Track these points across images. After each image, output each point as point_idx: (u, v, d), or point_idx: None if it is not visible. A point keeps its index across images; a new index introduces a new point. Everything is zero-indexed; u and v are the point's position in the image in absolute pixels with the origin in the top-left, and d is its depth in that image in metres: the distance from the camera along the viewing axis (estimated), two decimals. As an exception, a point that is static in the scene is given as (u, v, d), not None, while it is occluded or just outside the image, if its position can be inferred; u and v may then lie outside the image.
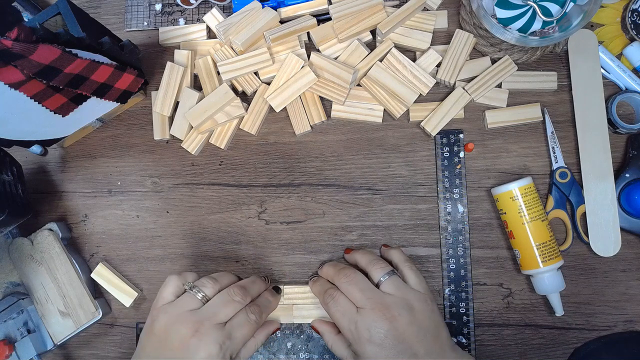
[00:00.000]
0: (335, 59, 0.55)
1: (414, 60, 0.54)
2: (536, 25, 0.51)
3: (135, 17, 0.60)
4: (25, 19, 0.54)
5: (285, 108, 0.55)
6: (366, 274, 0.48)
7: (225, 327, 0.44)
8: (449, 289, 0.52)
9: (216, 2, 0.58)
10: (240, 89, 0.56)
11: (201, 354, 0.42)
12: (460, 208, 0.53)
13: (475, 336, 0.52)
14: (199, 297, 0.45)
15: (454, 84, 0.53)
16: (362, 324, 0.43)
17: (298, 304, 0.52)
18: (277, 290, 0.52)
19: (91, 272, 0.55)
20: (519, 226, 0.49)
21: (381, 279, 0.46)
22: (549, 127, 0.53)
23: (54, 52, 0.41)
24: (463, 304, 0.52)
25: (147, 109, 0.58)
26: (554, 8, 0.50)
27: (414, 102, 0.53)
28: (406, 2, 0.54)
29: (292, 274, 0.54)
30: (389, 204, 0.54)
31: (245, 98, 0.57)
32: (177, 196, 0.57)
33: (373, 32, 0.56)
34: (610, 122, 0.52)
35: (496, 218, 0.53)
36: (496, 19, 0.51)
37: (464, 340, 0.51)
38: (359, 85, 0.55)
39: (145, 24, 0.60)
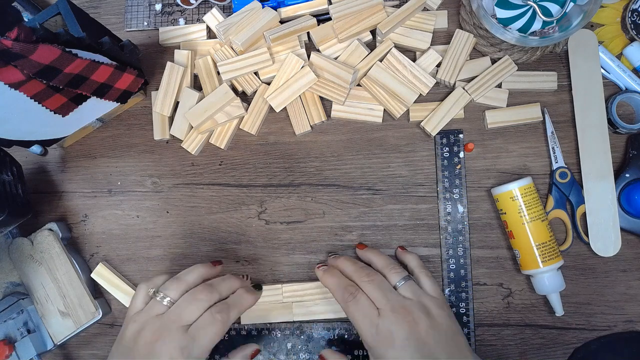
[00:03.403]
0: (335, 59, 0.55)
1: (414, 60, 0.54)
2: (536, 25, 0.51)
3: (135, 17, 0.60)
4: (25, 19, 0.54)
5: (285, 108, 0.55)
6: None
7: (189, 330, 0.43)
8: (449, 289, 0.52)
9: (216, 2, 0.58)
10: (240, 89, 0.56)
11: (163, 358, 0.41)
12: (460, 208, 0.53)
13: (476, 336, 0.52)
14: (164, 303, 0.44)
15: (454, 84, 0.53)
16: (384, 326, 0.43)
17: (297, 302, 0.52)
18: (258, 288, 0.51)
19: (91, 272, 0.55)
20: (519, 226, 0.49)
21: (397, 283, 0.46)
22: (549, 127, 0.53)
23: (54, 52, 0.41)
24: (463, 304, 0.52)
25: (147, 109, 0.58)
26: (554, 8, 0.50)
27: (414, 102, 0.53)
28: (406, 2, 0.54)
29: (292, 274, 0.54)
30: (389, 204, 0.54)
31: (245, 98, 0.57)
32: (177, 196, 0.57)
33: (373, 32, 0.56)
34: (610, 122, 0.52)
35: (496, 218, 0.53)
36: (496, 19, 0.51)
37: (464, 340, 0.51)
38: (359, 85, 0.55)
39: (145, 24, 0.60)
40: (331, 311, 0.52)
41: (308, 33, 0.56)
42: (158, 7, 0.60)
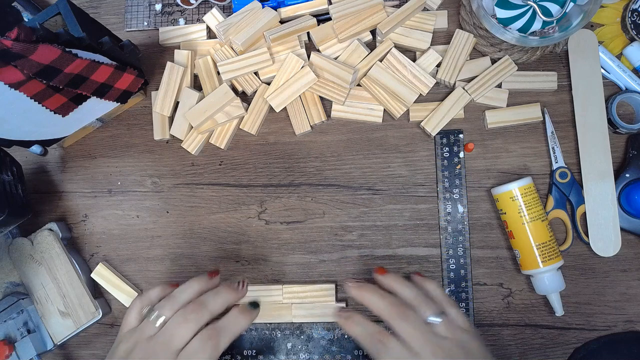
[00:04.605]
0: (335, 59, 0.55)
1: (414, 60, 0.54)
2: (536, 25, 0.51)
3: (135, 17, 0.60)
4: (25, 19, 0.54)
5: (285, 108, 0.55)
6: None
7: (179, 357, 0.41)
8: (449, 289, 0.52)
9: (216, 2, 0.58)
10: (240, 89, 0.56)
11: None
12: (460, 208, 0.53)
13: (475, 336, 0.52)
14: (157, 325, 0.43)
15: (454, 84, 0.53)
16: None
17: (297, 304, 0.52)
18: (254, 306, 0.47)
19: (91, 272, 0.55)
20: (519, 226, 0.49)
21: (431, 318, 0.43)
22: (549, 127, 0.53)
23: (54, 52, 0.41)
24: (463, 304, 0.52)
25: (147, 109, 0.58)
26: (554, 8, 0.50)
27: (414, 102, 0.53)
28: (406, 2, 0.54)
29: (292, 274, 0.54)
30: (389, 204, 0.54)
31: (245, 98, 0.57)
32: (177, 196, 0.57)
33: (373, 32, 0.56)
34: (610, 122, 0.52)
35: (496, 218, 0.53)
36: (496, 19, 0.51)
37: (464, 340, 0.51)
38: (359, 85, 0.55)
39: (145, 24, 0.60)
40: (330, 314, 0.52)
41: (308, 33, 0.56)
42: (158, 7, 0.60)
